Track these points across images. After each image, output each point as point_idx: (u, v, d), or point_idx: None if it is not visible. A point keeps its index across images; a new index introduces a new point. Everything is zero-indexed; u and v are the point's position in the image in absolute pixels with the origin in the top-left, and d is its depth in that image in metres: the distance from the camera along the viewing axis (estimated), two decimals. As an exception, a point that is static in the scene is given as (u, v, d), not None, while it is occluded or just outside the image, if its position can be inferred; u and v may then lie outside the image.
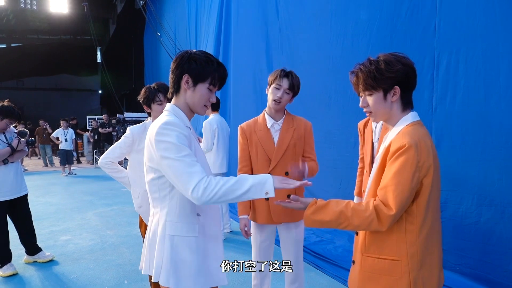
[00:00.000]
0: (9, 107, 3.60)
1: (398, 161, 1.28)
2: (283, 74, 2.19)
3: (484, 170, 2.93)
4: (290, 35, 5.39)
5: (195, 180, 1.36)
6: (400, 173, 1.27)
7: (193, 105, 1.57)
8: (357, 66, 1.44)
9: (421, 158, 1.28)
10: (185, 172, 1.37)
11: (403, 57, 1.39)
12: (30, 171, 11.33)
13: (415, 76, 1.40)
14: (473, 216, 3.02)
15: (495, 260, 2.89)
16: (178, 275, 1.49)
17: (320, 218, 1.38)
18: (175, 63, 1.54)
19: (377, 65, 1.37)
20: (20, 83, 21.00)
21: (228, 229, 4.77)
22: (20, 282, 3.43)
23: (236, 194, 1.38)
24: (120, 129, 11.91)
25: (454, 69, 3.11)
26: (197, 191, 1.35)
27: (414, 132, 1.33)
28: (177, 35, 11.15)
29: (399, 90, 1.37)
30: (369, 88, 1.39)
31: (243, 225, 2.31)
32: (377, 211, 1.30)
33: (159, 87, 2.63)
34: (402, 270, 1.32)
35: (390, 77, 1.35)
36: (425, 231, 1.34)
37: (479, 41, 2.93)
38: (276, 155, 2.23)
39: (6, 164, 3.55)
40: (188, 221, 1.52)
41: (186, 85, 1.53)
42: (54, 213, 6.04)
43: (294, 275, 2.35)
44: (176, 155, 1.39)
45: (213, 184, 1.36)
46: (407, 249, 1.32)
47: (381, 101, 1.39)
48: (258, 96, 6.14)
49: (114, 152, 2.69)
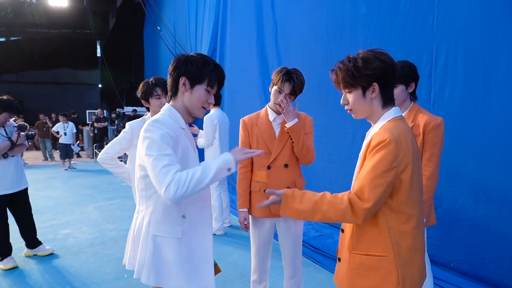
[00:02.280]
0: (8, 100, 3.60)
1: (376, 155, 1.29)
2: (286, 78, 2.16)
3: (481, 166, 2.93)
4: (285, 28, 5.37)
5: (167, 180, 1.36)
6: (378, 167, 1.28)
7: (191, 107, 1.58)
8: (337, 64, 1.45)
9: (400, 153, 1.28)
10: (160, 171, 1.37)
11: (382, 54, 1.38)
12: (30, 165, 11.34)
13: (394, 72, 1.40)
14: (469, 212, 3.02)
15: (490, 256, 2.90)
16: (159, 274, 1.50)
17: (296, 206, 1.40)
18: (173, 66, 1.56)
19: (355, 63, 1.37)
20: (20, 77, 20.94)
21: (228, 223, 4.79)
22: (20, 275, 3.45)
23: (204, 182, 1.41)
24: (119, 123, 11.91)
25: (453, 63, 3.10)
26: (169, 191, 1.35)
27: (395, 127, 1.34)
28: (177, 29, 11.10)
29: (377, 87, 1.38)
30: (348, 85, 1.41)
31: (242, 218, 2.32)
32: (351, 204, 1.32)
33: (157, 81, 2.64)
34: (390, 265, 1.34)
35: (367, 75, 1.36)
36: (408, 227, 1.35)
37: (478, 34, 2.91)
38: (276, 148, 2.25)
39: (6, 158, 3.55)
40: (172, 222, 1.52)
41: (184, 87, 1.54)
42: (54, 207, 6.06)
43: (292, 270, 2.37)
44: (157, 153, 1.40)
45: (182, 181, 1.37)
46: (392, 245, 1.34)
47: (360, 98, 1.40)
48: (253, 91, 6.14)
49: (113, 147, 2.70)
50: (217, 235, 4.43)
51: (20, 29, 20.65)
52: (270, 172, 2.27)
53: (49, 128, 12.13)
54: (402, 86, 2.19)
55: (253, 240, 2.39)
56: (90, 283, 3.23)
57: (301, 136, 2.17)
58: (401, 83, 2.18)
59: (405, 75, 2.18)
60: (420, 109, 2.23)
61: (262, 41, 5.93)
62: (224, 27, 7.30)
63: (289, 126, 2.15)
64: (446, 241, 3.15)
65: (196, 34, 9.25)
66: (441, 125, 2.14)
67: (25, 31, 20.81)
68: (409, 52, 3.41)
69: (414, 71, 2.23)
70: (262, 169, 2.29)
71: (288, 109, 2.14)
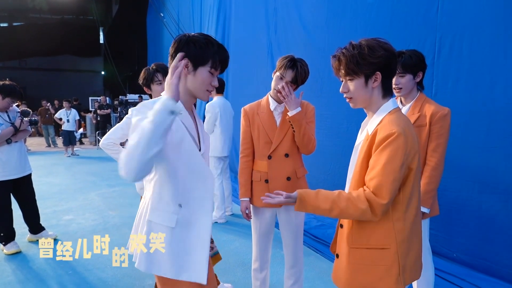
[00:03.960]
0: (11, 85, 3.58)
1: (388, 150, 1.27)
2: (289, 65, 2.12)
3: (486, 158, 2.90)
4: (285, 16, 5.30)
5: (120, 162, 1.26)
6: (392, 161, 1.26)
7: (195, 90, 1.48)
8: (339, 50, 1.41)
9: (408, 145, 1.27)
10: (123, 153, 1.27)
11: (385, 43, 1.36)
12: (33, 151, 11.38)
13: (396, 62, 1.39)
14: (473, 203, 3.01)
15: (495, 248, 2.89)
16: (150, 261, 1.47)
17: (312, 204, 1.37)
18: (174, 47, 1.45)
19: (360, 50, 1.34)
20: (23, 63, 20.87)
21: (229, 211, 4.81)
22: (24, 259, 3.49)
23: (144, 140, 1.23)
24: (122, 110, 11.89)
25: (458, 53, 3.04)
26: (121, 171, 1.25)
27: (399, 119, 1.32)
28: (181, 16, 10.99)
29: (380, 76, 1.35)
30: (351, 73, 1.38)
31: (244, 207, 2.32)
32: (370, 202, 1.29)
33: (157, 67, 2.64)
34: (392, 258, 1.33)
35: (372, 63, 1.33)
36: (410, 217, 1.34)
37: (485, 24, 2.84)
38: (277, 137, 2.23)
39: (9, 143, 3.56)
40: (167, 209, 1.46)
41: (186, 69, 1.44)
42: (57, 193, 6.10)
43: (293, 259, 2.37)
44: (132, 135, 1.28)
45: (125, 155, 1.26)
46: (395, 236, 1.33)
47: (362, 86, 1.38)
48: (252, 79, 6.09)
49: (116, 133, 2.69)
50: (218, 223, 4.45)
51: (23, 14, 20.50)
52: (270, 161, 2.25)
53: (51, 115, 12.14)
54: (410, 75, 2.16)
55: (254, 229, 2.39)
56: (93, 269, 3.27)
57: (302, 126, 2.14)
58: (409, 72, 2.15)
59: (413, 65, 2.15)
60: (427, 99, 2.20)
61: (263, 29, 5.87)
62: (229, 14, 7.22)
63: (291, 115, 2.11)
64: (449, 232, 3.14)
65: (201, 21, 9.16)
66: (448, 115, 2.12)
67: (28, 16, 20.66)
68: (411, 40, 3.35)
69: (422, 60, 2.20)
70: (263, 159, 2.27)
71: (290, 97, 2.10)
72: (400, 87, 2.18)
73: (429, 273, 2.25)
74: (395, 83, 2.17)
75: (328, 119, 4.35)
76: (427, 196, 2.13)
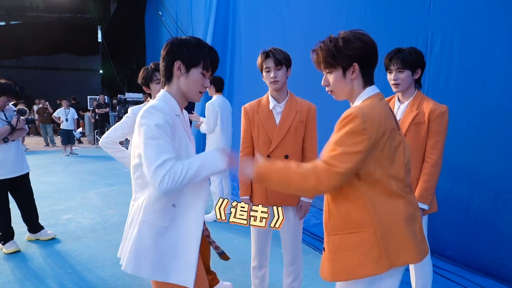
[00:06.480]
0: (6, 84, 3.56)
1: (344, 128, 1.28)
2: (264, 56, 2.19)
3: (477, 156, 2.89)
4: (283, 13, 5.30)
5: (162, 171, 1.33)
6: (344, 138, 1.27)
7: (188, 92, 1.53)
8: (318, 44, 1.43)
9: (367, 125, 1.26)
10: (156, 161, 1.34)
11: (363, 34, 1.37)
12: (32, 150, 11.35)
13: (375, 53, 1.39)
14: (464, 202, 3.00)
15: (486, 246, 2.89)
16: (137, 262, 1.46)
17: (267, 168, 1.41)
18: (166, 50, 1.51)
19: (336, 43, 1.36)
20: (20, 62, 20.83)
21: (229, 210, 4.80)
22: (23, 259, 3.48)
23: (197, 180, 1.43)
24: (121, 109, 11.87)
25: (448, 50, 3.05)
26: (163, 183, 1.33)
27: (367, 104, 1.33)
28: (179, 15, 10.96)
29: (357, 67, 1.36)
30: (328, 66, 1.40)
31: (243, 207, 2.31)
32: (319, 169, 1.29)
33: (156, 66, 2.64)
34: (370, 240, 1.30)
35: (348, 55, 1.35)
36: (382, 197, 1.32)
37: (475, 21, 2.85)
38: (276, 137, 2.22)
39: (6, 142, 3.55)
40: (162, 209, 1.47)
41: (179, 71, 1.49)
42: (55, 192, 6.09)
43: (292, 257, 2.37)
44: (153, 141, 1.36)
45: (177, 174, 1.35)
46: (371, 218, 1.31)
47: (340, 79, 1.39)
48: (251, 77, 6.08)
49: (115, 132, 2.69)
50: (217, 222, 4.44)
51: (20, 13, 20.44)
52: None
53: (49, 114, 12.11)
54: (408, 71, 2.17)
55: (253, 228, 2.39)
56: (92, 267, 3.26)
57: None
58: (408, 68, 2.16)
59: (412, 61, 2.16)
60: (425, 97, 2.21)
61: (261, 26, 5.87)
62: (227, 12, 7.20)
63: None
64: (441, 230, 3.13)
65: (199, 19, 9.13)
66: (446, 113, 2.13)
67: (25, 15, 20.60)
68: (404, 37, 3.37)
69: (422, 58, 2.21)
70: None
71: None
72: (398, 82, 2.19)
73: (427, 268, 2.25)
74: (393, 78, 2.19)
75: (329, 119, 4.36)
76: (427, 193, 2.13)
